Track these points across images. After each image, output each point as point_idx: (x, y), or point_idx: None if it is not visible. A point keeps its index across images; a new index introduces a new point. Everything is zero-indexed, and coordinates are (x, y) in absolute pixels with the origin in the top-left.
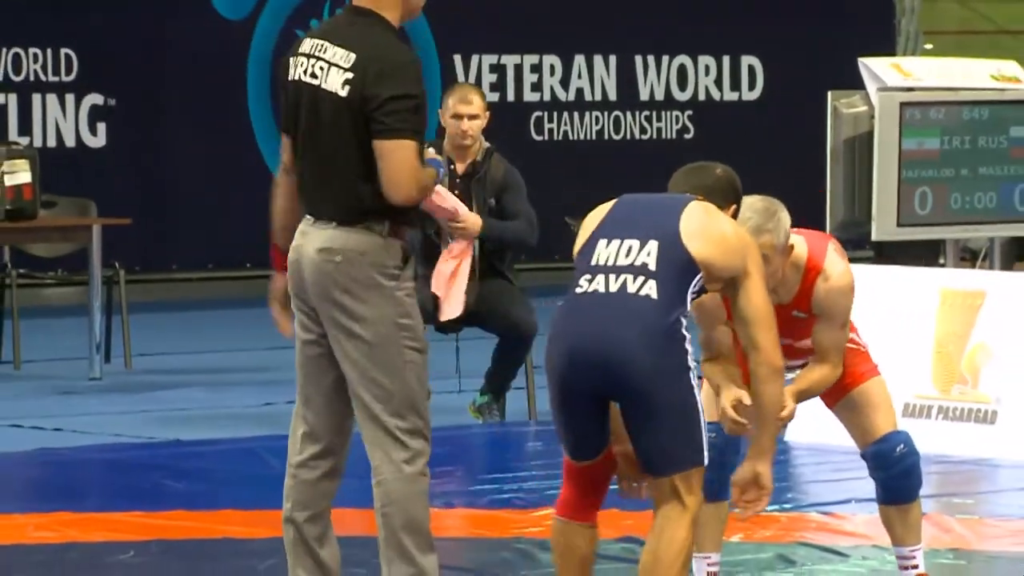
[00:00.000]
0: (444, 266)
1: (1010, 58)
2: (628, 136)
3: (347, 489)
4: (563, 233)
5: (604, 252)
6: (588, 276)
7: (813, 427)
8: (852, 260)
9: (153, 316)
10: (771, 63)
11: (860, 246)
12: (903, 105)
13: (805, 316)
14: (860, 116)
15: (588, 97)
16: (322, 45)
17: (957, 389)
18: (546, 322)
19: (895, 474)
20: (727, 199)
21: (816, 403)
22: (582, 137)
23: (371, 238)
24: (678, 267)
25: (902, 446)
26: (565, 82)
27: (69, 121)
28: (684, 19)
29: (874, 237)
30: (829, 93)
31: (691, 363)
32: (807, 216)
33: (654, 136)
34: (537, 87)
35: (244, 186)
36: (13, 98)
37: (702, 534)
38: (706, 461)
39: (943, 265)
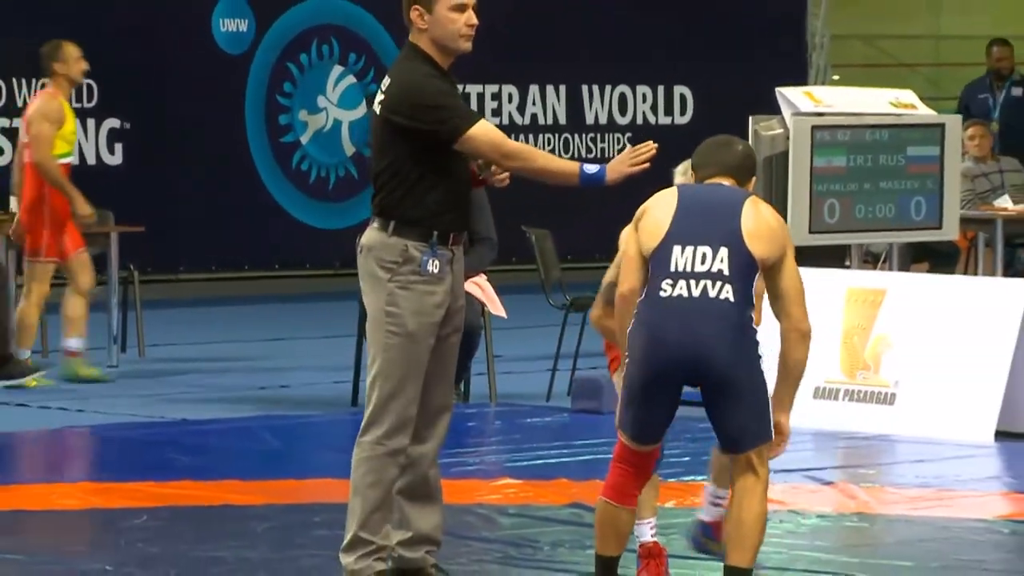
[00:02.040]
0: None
1: (907, 88)
2: (576, 155)
3: (328, 461)
4: (520, 239)
5: (681, 259)
6: (670, 281)
7: None
8: None
9: (163, 312)
10: (700, 92)
11: None
12: (814, 128)
13: None
14: (777, 137)
15: (541, 121)
16: (385, 77)
17: (861, 375)
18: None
19: None
20: (750, 174)
21: None
22: None
23: (379, 235)
24: (746, 268)
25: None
26: (521, 108)
27: (90, 142)
28: (625, 54)
29: None
30: (750, 118)
31: (761, 353)
32: None
33: (599, 155)
34: (497, 112)
35: (241, 199)
36: None
37: (642, 502)
38: (771, 436)
39: (849, 267)
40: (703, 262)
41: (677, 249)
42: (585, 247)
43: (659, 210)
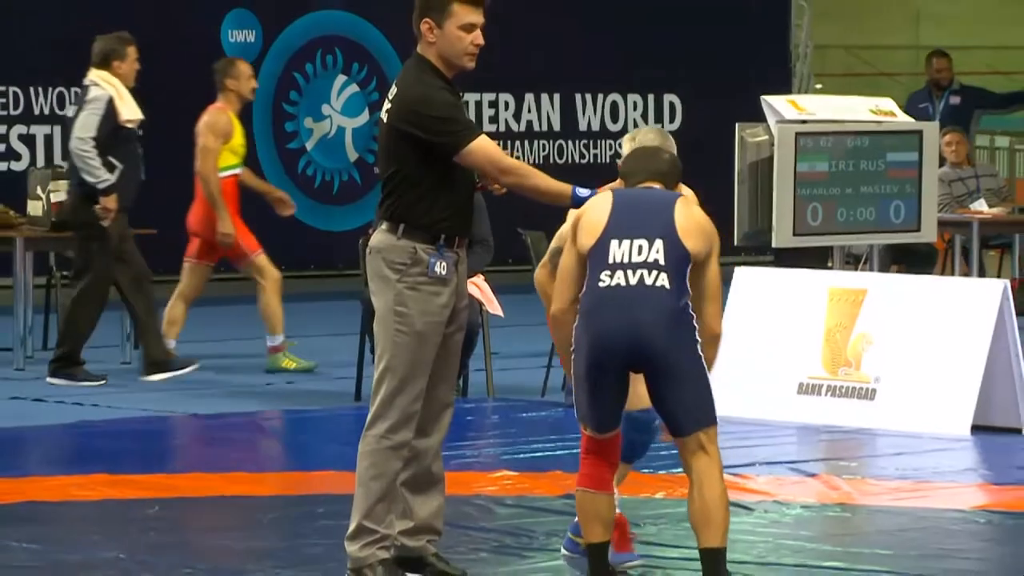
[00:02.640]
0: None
1: (887, 96)
2: (569, 161)
3: (332, 454)
4: (515, 240)
5: (618, 251)
6: (608, 272)
7: (723, 401)
8: (755, 264)
9: None
10: (688, 100)
11: (762, 252)
12: (798, 135)
13: None
14: (762, 144)
15: (536, 128)
16: (392, 86)
17: (843, 371)
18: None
19: (638, 442)
20: (677, 180)
21: (727, 380)
22: (531, 161)
23: (388, 237)
24: (680, 261)
25: (658, 421)
26: (517, 115)
27: None
28: (616, 64)
29: (774, 244)
30: (737, 125)
31: (699, 338)
32: (718, 226)
33: (591, 161)
34: (494, 119)
35: (247, 204)
36: (57, 129)
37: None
38: (717, 421)
39: (831, 267)
40: (640, 253)
41: (615, 243)
42: None
43: (595, 212)
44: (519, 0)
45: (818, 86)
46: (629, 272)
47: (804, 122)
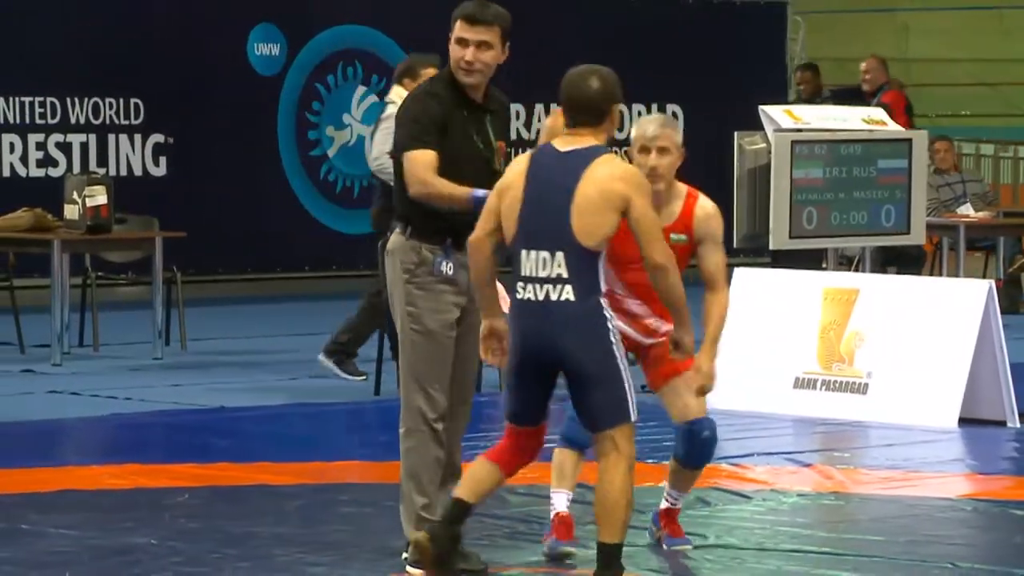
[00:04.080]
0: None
1: (877, 106)
2: None
3: (353, 445)
4: None
5: (527, 263)
6: (522, 284)
7: (724, 395)
8: (753, 265)
9: (203, 309)
10: (690, 109)
11: (760, 254)
12: (794, 143)
13: (685, 240)
14: (760, 151)
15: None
16: None
17: (836, 366)
18: None
19: (697, 452)
20: (612, 101)
21: (727, 375)
22: None
23: (399, 239)
24: (585, 262)
25: (708, 432)
26: (528, 124)
27: (137, 155)
28: (622, 74)
29: (771, 247)
30: (736, 133)
31: (613, 339)
32: None
33: None
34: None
35: (273, 206)
36: (93, 137)
37: (567, 475)
38: (634, 418)
39: (825, 268)
40: (544, 267)
41: (524, 253)
42: None
43: (511, 207)
44: (527, 17)
45: None
46: (537, 287)
47: (800, 131)
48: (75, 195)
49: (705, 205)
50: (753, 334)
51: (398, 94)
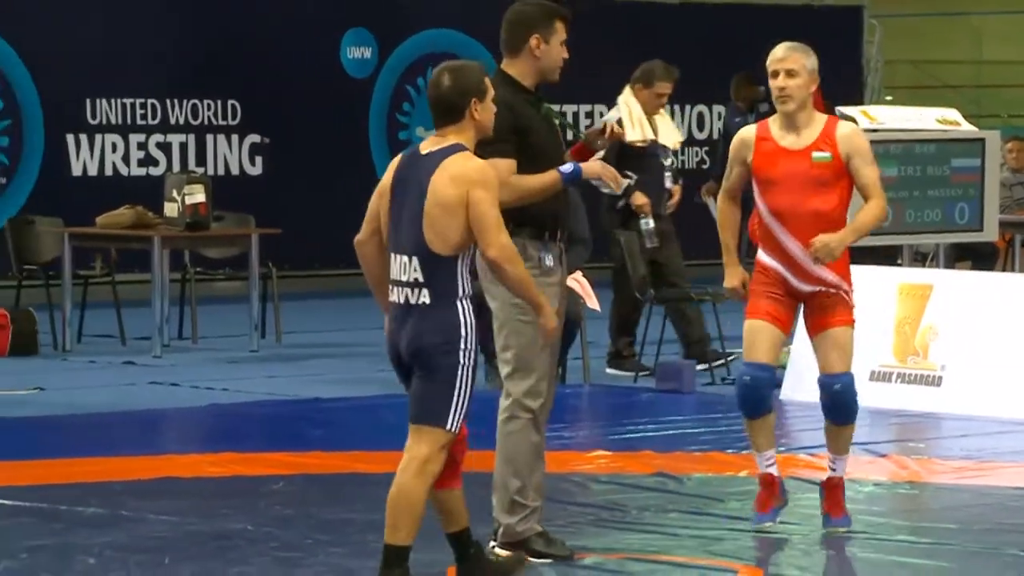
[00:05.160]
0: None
1: (952, 107)
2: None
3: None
4: (605, 240)
5: (395, 267)
6: (391, 286)
7: (800, 389)
8: None
9: (298, 303)
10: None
11: None
12: (870, 142)
13: (829, 158)
14: None
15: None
16: None
17: (911, 360)
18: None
19: (834, 403)
20: (462, 107)
21: (804, 369)
22: None
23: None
24: (442, 267)
25: (839, 385)
26: (590, 125)
27: (234, 155)
28: (705, 78)
29: None
30: None
31: (464, 345)
32: None
33: (679, 167)
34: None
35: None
36: (192, 137)
37: (757, 440)
38: (449, 427)
39: (900, 264)
40: (404, 271)
41: (392, 257)
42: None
43: (384, 209)
44: (599, 27)
45: (888, 98)
46: (400, 290)
47: (875, 131)
48: (175, 193)
49: (846, 125)
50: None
51: (623, 99)
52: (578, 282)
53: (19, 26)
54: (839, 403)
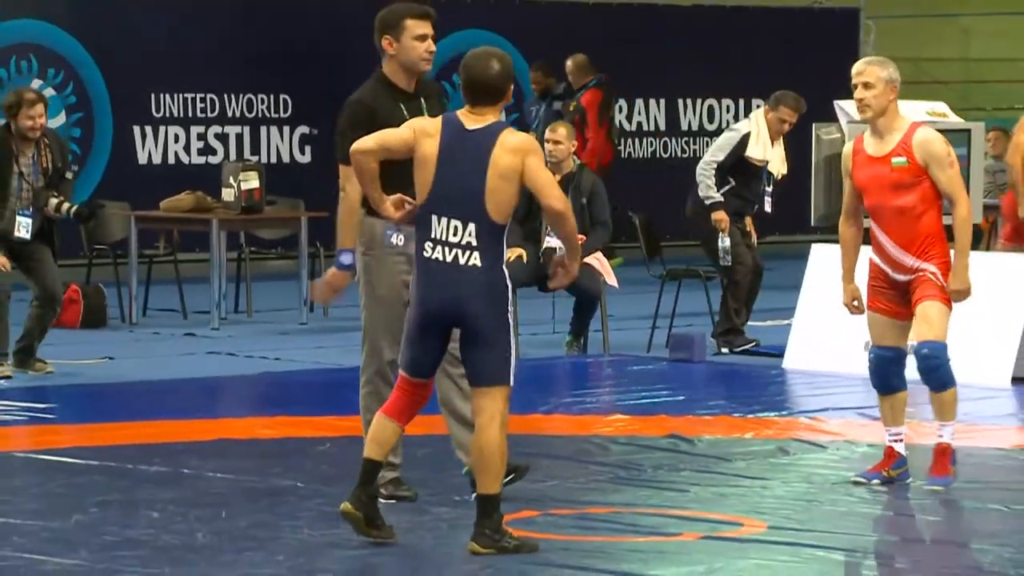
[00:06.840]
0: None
1: (941, 101)
2: (673, 155)
3: None
4: (625, 221)
5: (438, 228)
6: (431, 244)
7: (802, 356)
8: (829, 241)
9: None
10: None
11: (834, 231)
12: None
13: (906, 163)
14: (835, 140)
15: (644, 127)
16: None
17: None
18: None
19: (921, 368)
20: (504, 91)
21: (805, 340)
22: (640, 156)
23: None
24: (493, 233)
25: (925, 350)
26: (629, 116)
27: (285, 144)
28: (714, 74)
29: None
30: (813, 124)
31: (509, 307)
32: (798, 210)
33: (691, 156)
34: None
35: None
36: (247, 129)
37: (885, 415)
38: (511, 383)
39: None
40: (455, 234)
41: (435, 219)
42: (680, 229)
43: (423, 167)
44: (632, 25)
45: None
46: (447, 250)
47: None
48: (231, 180)
49: (925, 131)
50: (828, 302)
51: (755, 115)
52: (598, 260)
53: (90, 27)
54: (926, 368)
